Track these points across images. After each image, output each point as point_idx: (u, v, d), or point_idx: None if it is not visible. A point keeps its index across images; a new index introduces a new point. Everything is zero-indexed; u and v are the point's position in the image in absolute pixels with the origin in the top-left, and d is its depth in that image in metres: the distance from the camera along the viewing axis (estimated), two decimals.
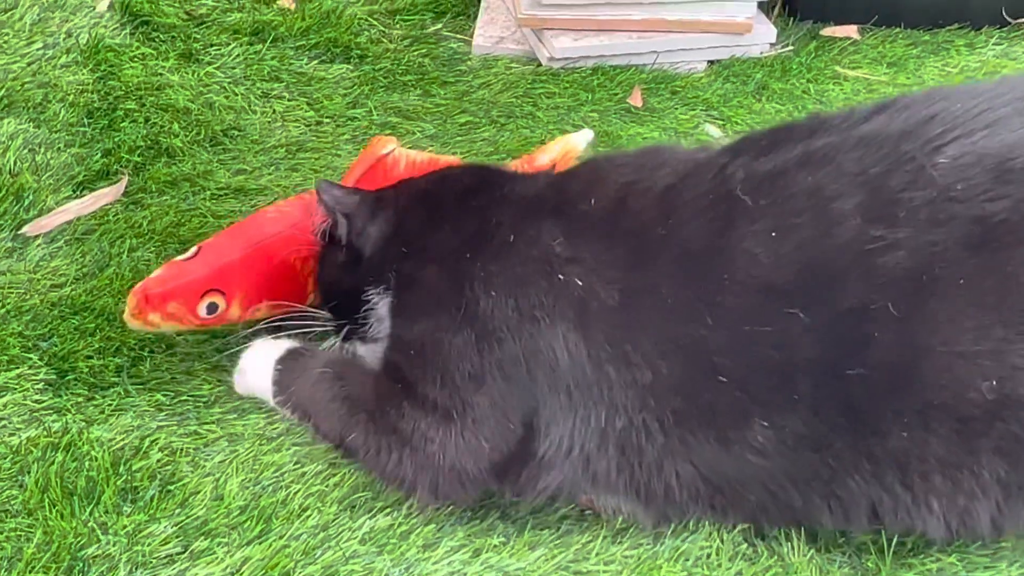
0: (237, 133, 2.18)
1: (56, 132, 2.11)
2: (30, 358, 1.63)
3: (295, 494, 1.46)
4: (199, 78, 2.30)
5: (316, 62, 2.42)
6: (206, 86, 2.28)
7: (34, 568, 1.35)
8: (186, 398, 1.61)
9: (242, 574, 1.35)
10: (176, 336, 1.68)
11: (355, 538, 1.40)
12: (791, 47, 2.56)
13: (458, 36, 2.57)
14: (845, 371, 1.26)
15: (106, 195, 1.97)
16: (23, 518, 1.41)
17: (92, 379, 1.61)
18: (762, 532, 1.41)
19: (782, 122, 1.51)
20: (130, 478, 1.47)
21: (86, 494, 1.45)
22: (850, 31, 2.62)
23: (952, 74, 2.44)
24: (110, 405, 1.58)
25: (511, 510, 1.45)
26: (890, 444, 1.27)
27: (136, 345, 1.67)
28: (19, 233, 1.88)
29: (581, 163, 1.59)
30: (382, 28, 2.55)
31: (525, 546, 1.41)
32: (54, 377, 1.61)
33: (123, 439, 1.53)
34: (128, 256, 1.82)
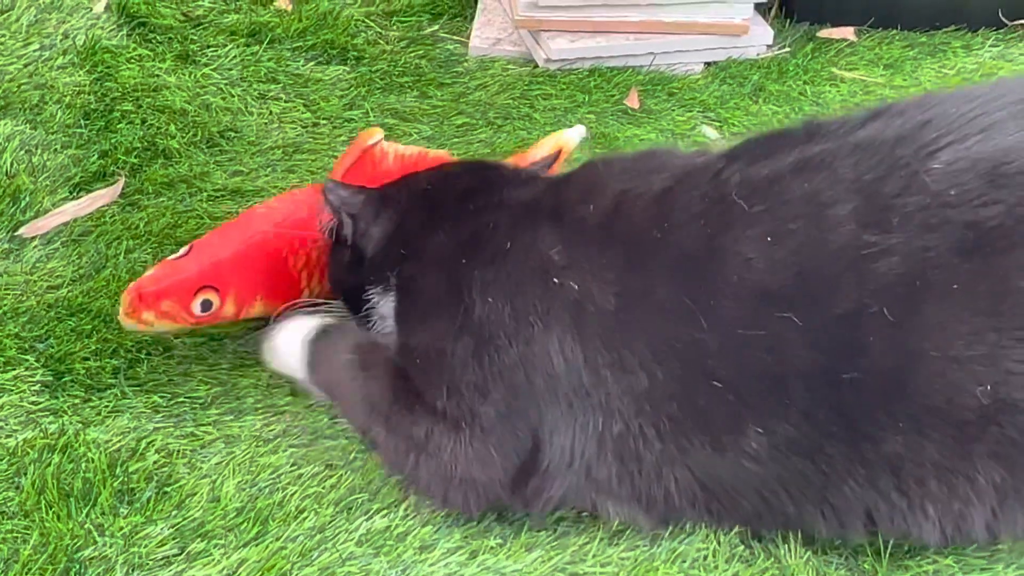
0: (234, 134, 2.18)
1: (53, 133, 2.11)
2: (27, 360, 1.63)
3: (292, 496, 1.46)
4: (196, 79, 2.30)
5: (313, 63, 2.42)
6: (203, 87, 2.28)
7: (31, 570, 1.35)
8: (183, 400, 1.61)
9: (238, 575, 1.36)
10: (173, 338, 1.68)
11: (352, 540, 1.40)
12: (788, 49, 2.57)
13: (455, 38, 2.57)
14: (839, 376, 1.26)
15: (103, 196, 1.97)
16: (19, 520, 1.41)
17: (89, 381, 1.61)
18: (759, 534, 1.41)
19: (778, 128, 1.51)
20: (127, 480, 1.47)
21: (83, 496, 1.44)
22: (847, 33, 2.62)
23: (949, 76, 2.45)
24: (107, 407, 1.58)
25: (508, 512, 1.45)
26: (885, 449, 1.27)
27: (133, 347, 1.67)
28: (16, 235, 1.88)
29: (579, 167, 1.59)
30: (379, 30, 2.55)
31: (522, 548, 1.41)
32: (51, 379, 1.61)
33: (120, 441, 1.53)
34: (125, 258, 1.82)
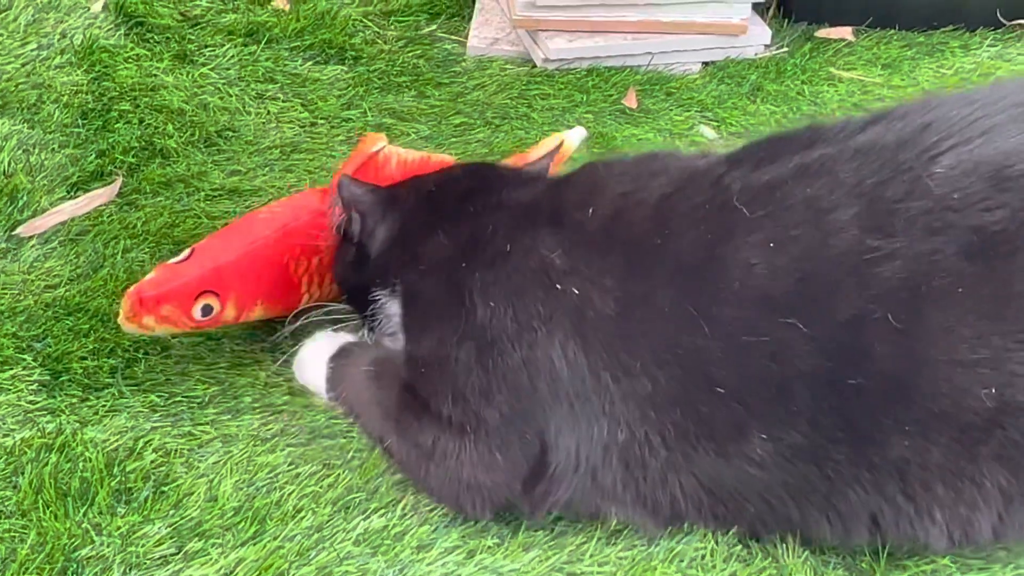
0: (231, 134, 2.18)
1: (50, 133, 2.11)
2: (24, 359, 1.63)
3: (289, 495, 1.46)
4: (193, 79, 2.30)
5: (311, 63, 2.42)
6: (200, 87, 2.28)
7: (28, 569, 1.34)
8: (180, 399, 1.60)
9: (236, 575, 1.35)
10: (171, 338, 1.68)
11: (349, 539, 1.40)
12: (786, 48, 2.57)
13: (453, 37, 2.57)
14: (844, 382, 1.26)
15: (100, 196, 1.97)
16: (17, 519, 1.41)
17: (86, 380, 1.61)
18: (767, 532, 1.40)
19: (779, 132, 1.50)
20: (124, 479, 1.47)
21: (80, 495, 1.44)
22: (845, 33, 2.62)
23: (947, 76, 2.45)
24: (104, 406, 1.58)
25: (505, 512, 1.44)
26: (890, 454, 1.27)
27: (130, 346, 1.67)
28: (13, 234, 1.88)
29: (578, 169, 1.58)
30: (377, 29, 2.55)
31: (519, 547, 1.41)
32: (48, 378, 1.61)
33: (117, 440, 1.52)
34: (122, 257, 1.82)
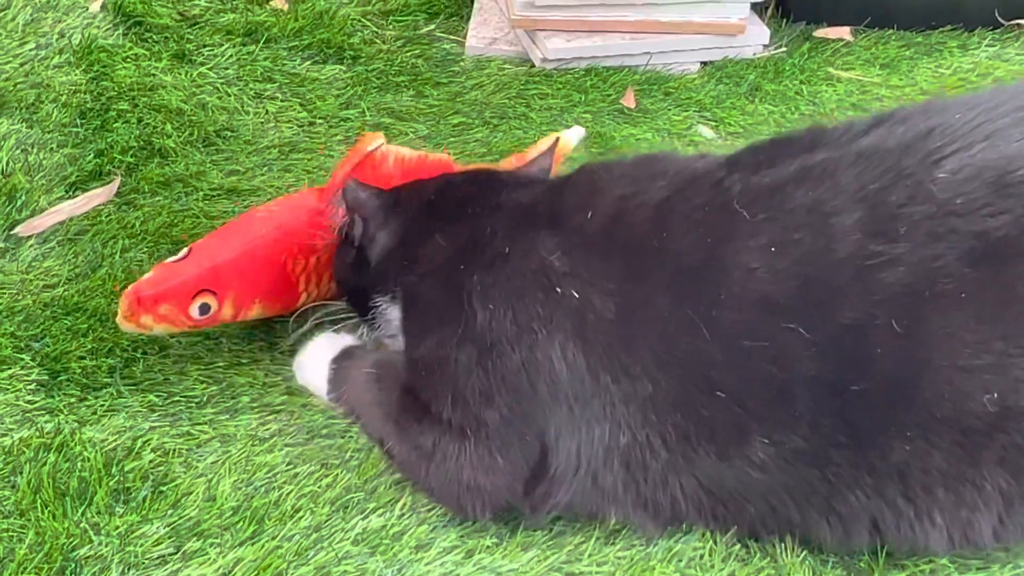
0: (230, 134, 2.18)
1: (49, 132, 2.10)
2: (22, 359, 1.63)
3: (288, 495, 1.46)
4: (192, 79, 2.30)
5: (309, 63, 2.42)
6: (199, 87, 2.28)
7: (26, 569, 1.34)
8: (178, 399, 1.60)
9: (235, 575, 1.35)
10: (169, 337, 1.68)
11: (348, 539, 1.40)
12: (784, 48, 2.57)
13: (451, 37, 2.57)
14: (846, 387, 1.26)
15: (99, 196, 1.97)
16: (15, 519, 1.41)
17: (85, 380, 1.61)
18: (768, 533, 1.40)
19: (780, 134, 1.50)
20: (122, 479, 1.47)
21: (78, 495, 1.44)
22: (843, 32, 2.62)
23: (945, 75, 2.45)
24: (102, 406, 1.58)
25: (503, 511, 1.44)
26: (892, 458, 1.27)
27: (129, 346, 1.67)
28: (11, 233, 1.88)
29: (577, 170, 1.58)
30: (375, 29, 2.55)
31: (518, 547, 1.41)
32: (46, 378, 1.61)
33: (115, 440, 1.52)
34: (121, 257, 1.82)
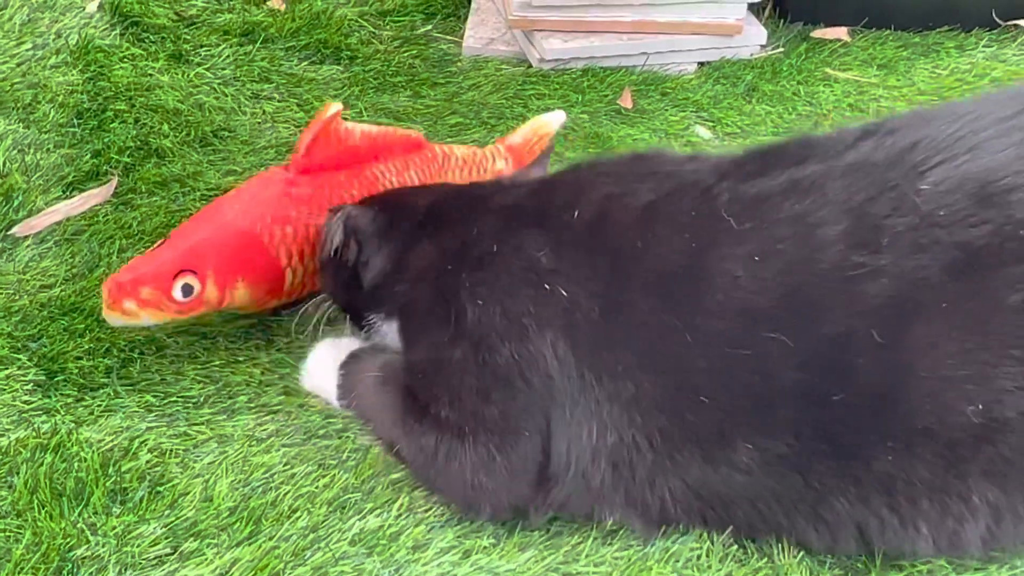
0: (227, 134, 2.18)
1: (46, 133, 2.10)
2: (19, 359, 1.63)
3: (285, 495, 1.46)
4: (189, 79, 2.30)
5: (306, 63, 2.42)
6: (196, 87, 2.28)
7: (23, 569, 1.34)
8: (175, 399, 1.60)
9: (231, 575, 1.35)
10: (166, 337, 1.68)
11: (345, 539, 1.40)
12: (781, 49, 2.57)
13: (448, 37, 2.57)
14: (828, 397, 1.26)
15: (96, 196, 1.97)
16: (12, 519, 1.41)
17: (81, 380, 1.61)
18: (758, 536, 1.40)
19: (771, 144, 1.50)
20: (119, 479, 1.47)
21: (75, 495, 1.44)
22: (840, 33, 2.62)
23: (942, 76, 2.45)
24: (99, 406, 1.58)
25: (510, 513, 1.44)
26: (875, 468, 1.27)
27: (126, 346, 1.66)
28: (8, 234, 1.88)
29: (564, 169, 1.59)
30: (372, 29, 2.55)
31: (515, 547, 1.41)
32: (43, 378, 1.61)
33: (112, 440, 1.52)
34: (118, 257, 1.82)
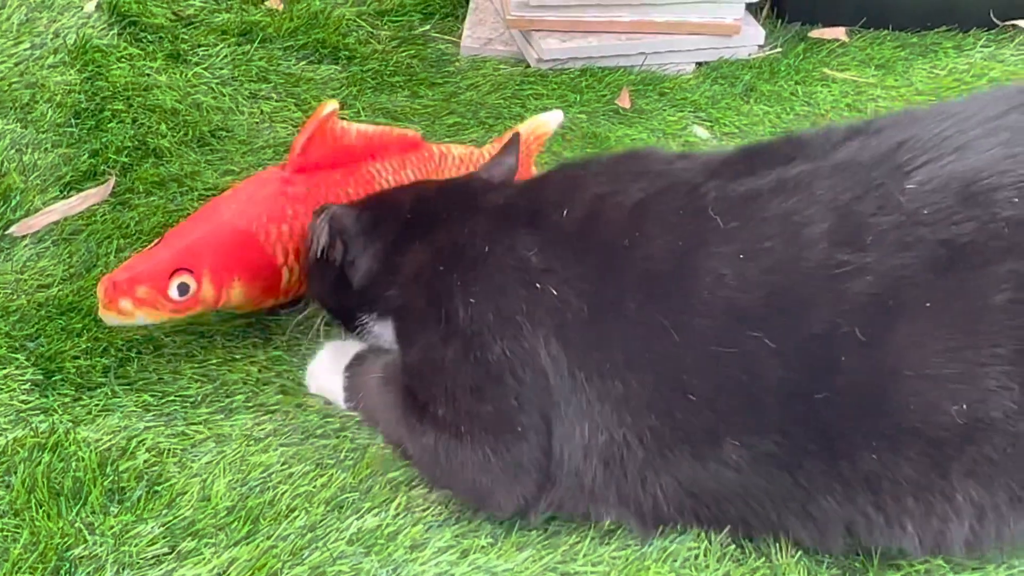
0: (225, 134, 2.18)
1: (43, 132, 2.10)
2: (17, 358, 1.63)
3: (283, 495, 1.46)
4: (187, 79, 2.30)
5: (304, 63, 2.42)
6: (194, 87, 2.28)
7: (21, 569, 1.34)
8: (173, 399, 1.60)
9: (229, 575, 1.35)
10: (163, 336, 1.68)
11: (343, 539, 1.40)
12: (779, 49, 2.57)
13: (446, 37, 2.57)
14: (812, 395, 1.26)
15: (93, 195, 1.97)
16: (9, 518, 1.41)
17: (79, 379, 1.61)
18: (750, 533, 1.41)
19: (759, 143, 1.51)
20: (117, 479, 1.47)
21: (73, 494, 1.44)
22: (838, 33, 2.62)
23: (940, 76, 2.45)
24: (97, 405, 1.58)
25: (513, 511, 1.44)
26: (860, 467, 1.28)
27: (123, 346, 1.66)
28: (6, 233, 1.88)
29: (555, 168, 1.59)
30: (370, 29, 2.55)
31: (513, 547, 1.41)
32: (41, 377, 1.61)
33: (110, 440, 1.52)
34: (115, 256, 1.82)
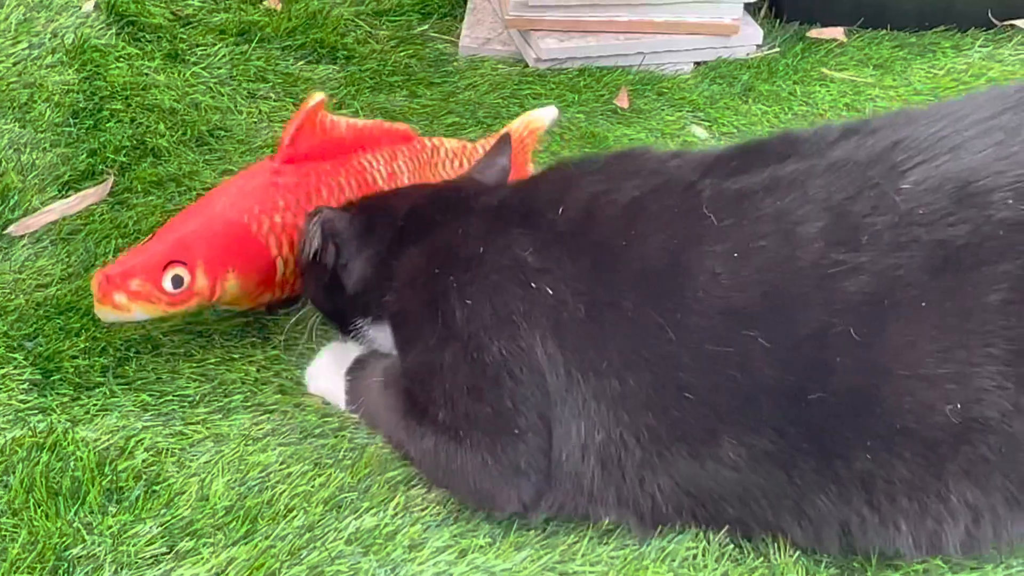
0: (223, 133, 2.18)
1: (42, 132, 2.10)
2: (15, 358, 1.63)
3: (281, 494, 1.46)
4: (185, 78, 2.29)
5: (302, 63, 2.42)
6: (192, 86, 2.28)
7: (19, 568, 1.34)
8: (171, 398, 1.60)
9: (228, 575, 1.35)
10: (161, 335, 1.68)
11: (341, 538, 1.40)
12: (777, 48, 2.57)
13: (444, 37, 2.57)
14: (807, 395, 1.26)
15: (92, 195, 1.96)
16: (8, 518, 1.41)
17: (77, 379, 1.61)
18: (748, 533, 1.41)
19: (754, 141, 1.51)
20: (115, 478, 1.47)
21: (71, 494, 1.44)
22: (836, 33, 2.62)
23: (939, 76, 2.45)
24: (95, 405, 1.58)
25: (515, 512, 1.44)
26: (855, 467, 1.28)
27: (121, 345, 1.66)
28: (4, 233, 1.87)
29: (549, 168, 1.59)
30: (368, 29, 2.55)
31: (511, 547, 1.41)
32: (39, 377, 1.61)
33: (108, 439, 1.52)
34: (114, 256, 1.81)
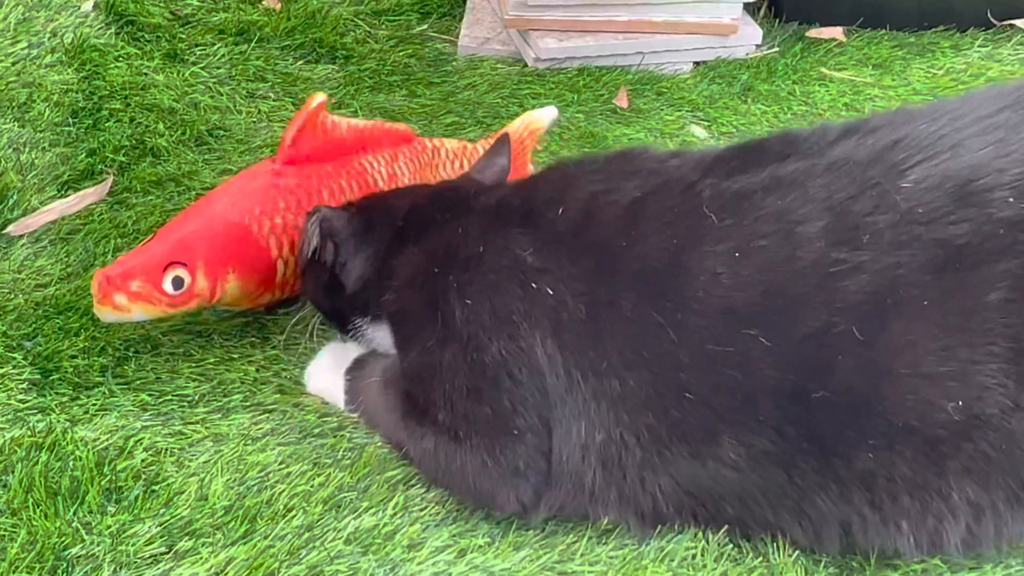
0: (222, 133, 2.18)
1: (41, 131, 2.10)
2: (14, 358, 1.63)
3: (280, 494, 1.46)
4: (184, 78, 2.29)
5: (301, 62, 2.42)
6: (191, 86, 2.28)
7: (18, 568, 1.34)
8: (171, 398, 1.60)
9: (227, 574, 1.35)
10: (161, 335, 1.68)
11: (340, 538, 1.40)
12: (777, 48, 2.57)
13: (444, 37, 2.57)
14: (808, 394, 1.26)
15: (91, 195, 1.96)
16: (7, 518, 1.41)
17: (76, 379, 1.61)
18: (747, 533, 1.41)
19: (754, 140, 1.51)
20: (114, 478, 1.47)
21: (70, 494, 1.44)
22: (836, 33, 2.62)
23: (938, 76, 2.45)
24: (94, 405, 1.58)
25: (516, 513, 1.44)
26: (856, 466, 1.28)
27: (121, 345, 1.66)
28: (3, 233, 1.87)
29: (548, 167, 1.59)
30: (368, 28, 2.55)
31: (510, 546, 1.41)
32: (38, 377, 1.61)
33: (107, 439, 1.52)
34: (113, 256, 1.81)
